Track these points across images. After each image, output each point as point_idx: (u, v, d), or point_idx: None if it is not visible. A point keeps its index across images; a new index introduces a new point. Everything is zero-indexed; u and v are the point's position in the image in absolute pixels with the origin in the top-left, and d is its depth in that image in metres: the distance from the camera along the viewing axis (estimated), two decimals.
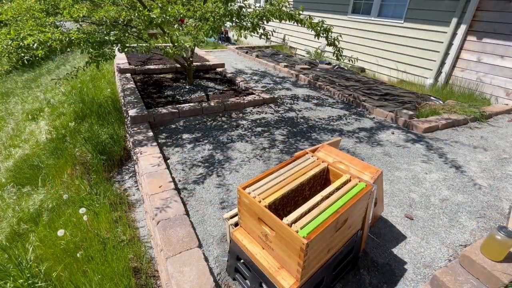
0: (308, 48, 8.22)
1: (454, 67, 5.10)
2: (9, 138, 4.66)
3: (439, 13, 5.07)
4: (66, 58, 8.73)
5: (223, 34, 10.85)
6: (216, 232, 2.03)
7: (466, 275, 1.52)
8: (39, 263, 1.96)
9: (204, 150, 3.06)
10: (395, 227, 2.11)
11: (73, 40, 2.85)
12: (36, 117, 4.95)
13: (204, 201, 2.32)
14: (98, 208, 2.40)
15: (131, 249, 2.05)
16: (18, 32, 2.74)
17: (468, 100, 4.59)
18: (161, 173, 2.51)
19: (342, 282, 1.68)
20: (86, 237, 2.14)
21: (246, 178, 2.61)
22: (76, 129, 3.72)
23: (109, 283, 1.75)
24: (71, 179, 2.95)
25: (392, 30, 5.94)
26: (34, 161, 3.44)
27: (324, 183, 1.65)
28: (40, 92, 6.27)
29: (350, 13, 6.83)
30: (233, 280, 1.69)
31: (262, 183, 1.40)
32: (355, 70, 6.59)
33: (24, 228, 2.51)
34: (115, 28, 3.35)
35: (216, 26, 3.26)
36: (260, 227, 1.30)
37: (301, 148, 3.18)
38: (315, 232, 1.12)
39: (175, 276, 1.59)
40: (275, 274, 1.27)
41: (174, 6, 3.34)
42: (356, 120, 4.01)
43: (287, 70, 6.26)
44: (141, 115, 3.47)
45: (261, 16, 3.77)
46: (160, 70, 5.66)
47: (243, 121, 3.79)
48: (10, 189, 3.07)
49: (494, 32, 4.48)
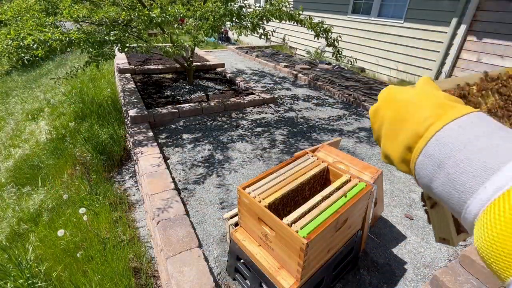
0: (308, 48, 8.22)
1: (454, 67, 5.10)
2: (9, 138, 4.65)
3: (439, 13, 5.07)
4: (66, 58, 8.73)
5: (223, 34, 10.84)
6: (216, 232, 2.03)
7: (466, 275, 1.52)
8: (39, 263, 1.96)
9: (204, 150, 3.06)
10: (395, 227, 2.11)
11: (73, 40, 2.85)
12: (36, 117, 4.95)
13: (204, 201, 2.32)
14: (98, 208, 2.40)
15: (131, 249, 2.05)
16: (18, 32, 2.73)
17: None
18: (161, 173, 2.51)
19: (342, 282, 1.68)
20: (86, 237, 2.14)
21: (246, 178, 2.61)
22: (76, 129, 3.72)
23: (109, 283, 1.75)
24: (71, 179, 2.95)
25: (392, 30, 5.93)
26: (34, 161, 3.44)
27: (324, 183, 1.65)
28: (40, 92, 6.27)
29: (350, 13, 6.83)
30: (233, 280, 1.69)
31: (262, 183, 1.40)
32: (355, 70, 6.59)
33: (24, 228, 2.51)
34: (115, 28, 3.35)
35: (216, 25, 3.26)
36: (260, 227, 1.30)
37: (301, 148, 3.18)
38: (315, 232, 1.12)
39: (175, 276, 1.59)
40: (275, 274, 1.27)
41: (174, 6, 3.34)
42: (356, 120, 4.01)
43: (287, 70, 6.26)
44: (141, 115, 3.47)
45: (261, 16, 3.77)
46: (160, 70, 5.65)
47: (243, 121, 3.79)
48: (10, 189, 3.07)
49: (494, 32, 4.48)
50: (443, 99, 0.33)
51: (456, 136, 0.30)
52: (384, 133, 0.37)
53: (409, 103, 0.34)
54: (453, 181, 0.29)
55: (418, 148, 0.32)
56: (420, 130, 0.32)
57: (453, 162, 0.29)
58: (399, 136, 0.34)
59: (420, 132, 0.32)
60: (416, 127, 0.32)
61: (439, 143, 0.30)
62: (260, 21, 3.76)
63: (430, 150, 0.31)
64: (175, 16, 3.14)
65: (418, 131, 0.32)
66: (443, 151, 0.30)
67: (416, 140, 0.32)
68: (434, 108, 0.32)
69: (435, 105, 0.32)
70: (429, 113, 0.32)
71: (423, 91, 0.35)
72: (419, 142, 0.32)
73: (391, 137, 0.36)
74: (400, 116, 0.35)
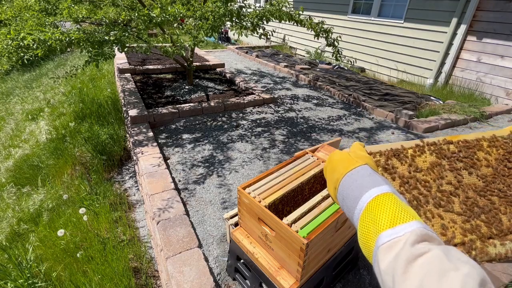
0: (308, 48, 8.22)
1: (454, 67, 5.11)
2: (9, 138, 4.65)
3: (439, 13, 5.07)
4: (66, 58, 8.73)
5: (223, 34, 10.84)
6: (216, 232, 2.03)
7: None
8: (39, 263, 1.96)
9: (204, 150, 3.06)
10: None
11: (73, 40, 2.85)
12: (36, 117, 4.95)
13: (204, 201, 2.32)
14: (98, 208, 2.39)
15: (131, 249, 2.05)
16: (18, 32, 2.73)
17: (468, 100, 4.59)
18: (161, 173, 2.51)
19: (342, 282, 1.68)
20: (86, 237, 2.14)
21: (246, 178, 2.61)
22: (76, 129, 3.72)
23: (109, 283, 1.75)
24: (71, 179, 2.95)
25: (392, 30, 5.94)
26: (34, 161, 3.44)
27: (324, 183, 1.64)
28: (40, 92, 6.26)
29: (350, 13, 6.83)
30: (233, 280, 1.69)
31: (262, 183, 1.40)
32: (355, 70, 6.59)
33: (24, 228, 2.51)
34: (115, 28, 3.35)
35: (216, 25, 3.26)
36: (260, 227, 1.30)
37: (301, 148, 3.18)
38: (315, 232, 1.12)
39: (175, 276, 1.59)
40: (275, 274, 1.27)
41: (174, 5, 3.34)
42: (356, 120, 4.01)
43: (287, 70, 6.26)
44: (141, 115, 3.47)
45: (261, 16, 3.77)
46: (160, 70, 5.65)
47: (243, 121, 3.79)
48: (10, 189, 3.07)
49: (494, 32, 4.48)
50: (352, 158, 0.56)
51: (348, 180, 0.53)
52: (327, 180, 0.60)
53: (337, 161, 0.57)
54: (347, 205, 0.51)
55: (336, 189, 0.55)
56: (338, 177, 0.55)
57: (346, 195, 0.52)
58: (331, 181, 0.57)
59: (338, 178, 0.55)
60: (336, 175, 0.55)
61: (342, 185, 0.54)
62: (260, 21, 3.76)
63: (339, 189, 0.54)
64: (175, 16, 3.14)
65: (337, 178, 0.55)
66: (343, 189, 0.53)
67: (336, 183, 0.55)
68: (345, 164, 0.55)
69: (347, 162, 0.55)
70: (342, 167, 0.55)
71: (346, 153, 0.59)
72: (337, 183, 0.55)
73: (329, 182, 0.59)
74: (332, 169, 0.58)
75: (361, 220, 0.45)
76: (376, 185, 0.48)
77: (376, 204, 0.44)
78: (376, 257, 0.40)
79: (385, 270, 0.37)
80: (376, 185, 0.48)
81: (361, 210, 0.46)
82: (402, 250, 0.36)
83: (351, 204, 0.49)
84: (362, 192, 0.48)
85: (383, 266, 0.38)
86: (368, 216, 0.44)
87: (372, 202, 0.45)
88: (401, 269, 0.35)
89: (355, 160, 0.55)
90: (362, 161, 0.54)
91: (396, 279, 0.35)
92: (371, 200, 0.46)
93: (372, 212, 0.44)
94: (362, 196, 0.47)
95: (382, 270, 0.38)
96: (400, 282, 0.34)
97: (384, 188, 0.47)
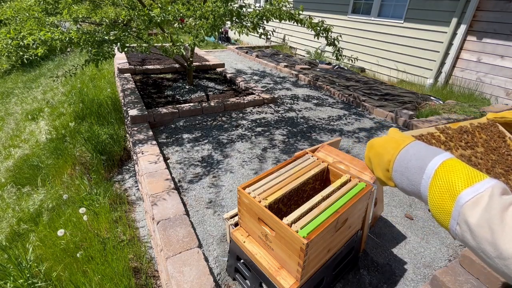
0: (308, 48, 8.21)
1: (454, 67, 5.10)
2: (9, 138, 4.65)
3: (439, 13, 5.07)
4: (66, 58, 8.73)
5: (223, 34, 10.84)
6: (216, 232, 2.03)
7: (466, 275, 1.52)
8: (39, 263, 1.96)
9: (204, 150, 3.06)
10: (395, 227, 2.11)
11: (73, 39, 2.85)
12: (36, 117, 4.95)
13: (204, 201, 2.32)
14: (98, 208, 2.39)
15: (131, 249, 2.05)
16: (18, 31, 2.73)
17: (468, 100, 4.59)
18: (161, 173, 2.51)
19: (342, 282, 1.68)
20: (86, 237, 2.14)
21: (246, 178, 2.61)
22: (76, 129, 3.72)
23: (109, 283, 1.75)
24: (71, 179, 2.95)
25: (392, 30, 5.93)
26: (34, 161, 3.44)
27: (324, 183, 1.64)
28: (40, 92, 6.26)
29: (350, 13, 6.83)
30: (233, 280, 1.69)
31: (262, 183, 1.40)
32: (355, 70, 6.59)
33: (24, 228, 2.51)
34: (115, 27, 3.35)
35: (216, 25, 3.26)
36: (260, 227, 1.30)
37: (301, 148, 3.18)
38: (315, 232, 1.12)
39: (175, 276, 1.59)
40: (275, 274, 1.27)
41: (174, 5, 3.33)
42: (356, 120, 4.01)
43: (287, 70, 6.25)
44: (141, 115, 3.47)
45: (261, 16, 3.76)
46: (160, 70, 5.65)
47: (243, 121, 3.79)
48: (10, 189, 3.06)
49: (494, 32, 4.48)
50: (398, 138, 0.58)
51: (405, 156, 0.54)
52: (373, 166, 0.61)
53: (381, 145, 0.59)
54: (410, 180, 0.52)
55: (390, 168, 0.56)
56: (390, 158, 0.56)
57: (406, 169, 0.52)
58: (380, 165, 0.58)
59: (390, 159, 0.56)
60: (387, 157, 0.57)
61: (398, 163, 0.54)
62: (260, 21, 3.76)
63: (396, 167, 0.55)
64: (175, 15, 3.14)
65: (388, 159, 0.56)
66: (400, 166, 0.54)
67: (389, 164, 0.56)
68: (394, 145, 0.57)
69: (394, 143, 0.57)
70: (391, 148, 0.56)
71: (388, 136, 0.60)
72: (390, 164, 0.56)
73: (376, 167, 0.60)
74: (378, 154, 0.59)
75: (433, 186, 0.47)
76: (437, 154, 0.50)
77: (446, 169, 0.46)
78: (461, 216, 0.42)
79: (478, 223, 0.40)
80: (437, 153, 0.50)
81: (430, 178, 0.48)
82: (492, 201, 0.39)
83: (415, 177, 0.50)
84: (426, 162, 0.49)
85: (474, 220, 0.40)
86: (440, 181, 0.46)
87: (441, 168, 0.47)
88: (497, 219, 0.38)
89: (404, 139, 0.57)
90: (411, 139, 0.56)
91: (495, 228, 0.38)
92: (438, 167, 0.47)
93: (444, 176, 0.46)
94: (427, 165, 0.49)
95: (474, 224, 0.40)
96: (499, 231, 0.37)
97: (447, 154, 0.49)
